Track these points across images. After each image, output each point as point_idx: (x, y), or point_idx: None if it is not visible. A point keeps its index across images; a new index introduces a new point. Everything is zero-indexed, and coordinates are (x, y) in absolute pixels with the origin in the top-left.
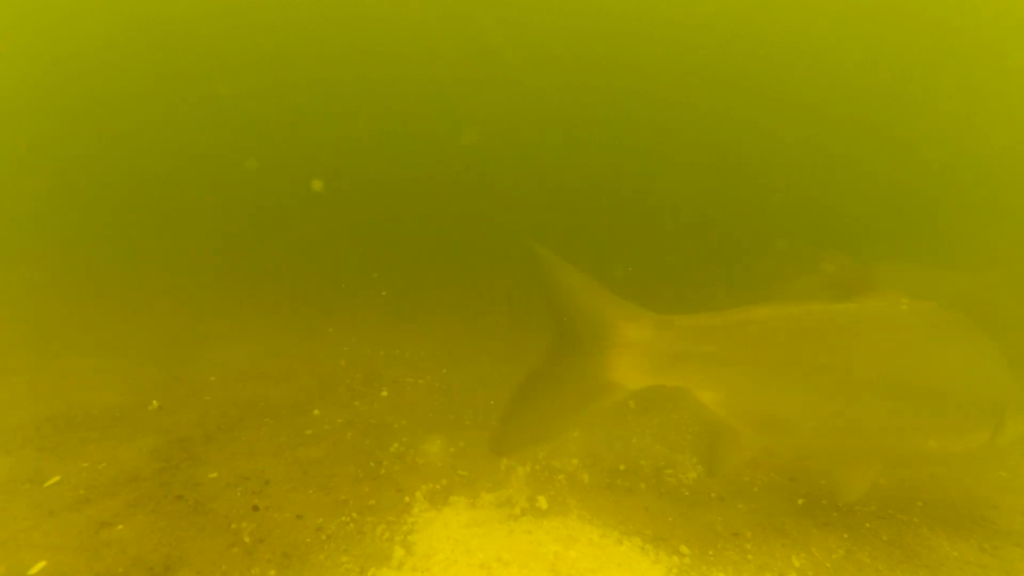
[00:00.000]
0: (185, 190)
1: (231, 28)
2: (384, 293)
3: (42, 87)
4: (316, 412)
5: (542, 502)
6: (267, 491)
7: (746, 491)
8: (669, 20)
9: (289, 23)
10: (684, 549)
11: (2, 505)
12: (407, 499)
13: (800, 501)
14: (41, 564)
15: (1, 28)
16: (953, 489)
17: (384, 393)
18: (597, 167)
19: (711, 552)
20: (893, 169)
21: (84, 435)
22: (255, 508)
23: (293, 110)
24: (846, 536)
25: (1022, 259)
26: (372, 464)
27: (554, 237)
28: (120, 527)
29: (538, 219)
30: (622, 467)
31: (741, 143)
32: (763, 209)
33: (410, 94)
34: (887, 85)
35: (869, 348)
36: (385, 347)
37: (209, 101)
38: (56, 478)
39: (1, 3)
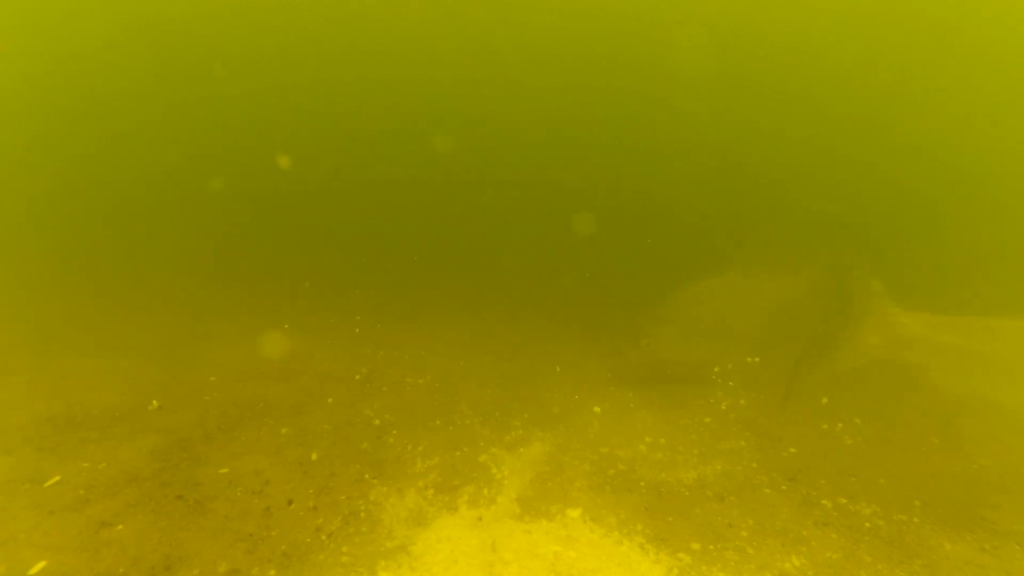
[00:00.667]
0: (185, 190)
1: (231, 28)
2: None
3: (42, 87)
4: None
5: (543, 502)
6: (267, 491)
7: (746, 491)
8: (670, 20)
9: (289, 23)
10: (688, 547)
11: (2, 505)
12: (407, 499)
13: (800, 500)
14: (41, 564)
15: (1, 28)
16: (953, 489)
17: (384, 392)
18: (596, 167)
19: (711, 551)
20: (892, 169)
21: (84, 435)
22: (260, 506)
23: (293, 111)
24: (846, 535)
25: (1021, 258)
26: (371, 464)
27: (554, 236)
28: (120, 527)
29: (537, 218)
30: (623, 467)
31: (740, 143)
32: (759, 207)
33: (408, 94)
34: (887, 85)
35: None
36: (385, 347)
37: (208, 101)
38: (56, 478)
39: (1, 3)
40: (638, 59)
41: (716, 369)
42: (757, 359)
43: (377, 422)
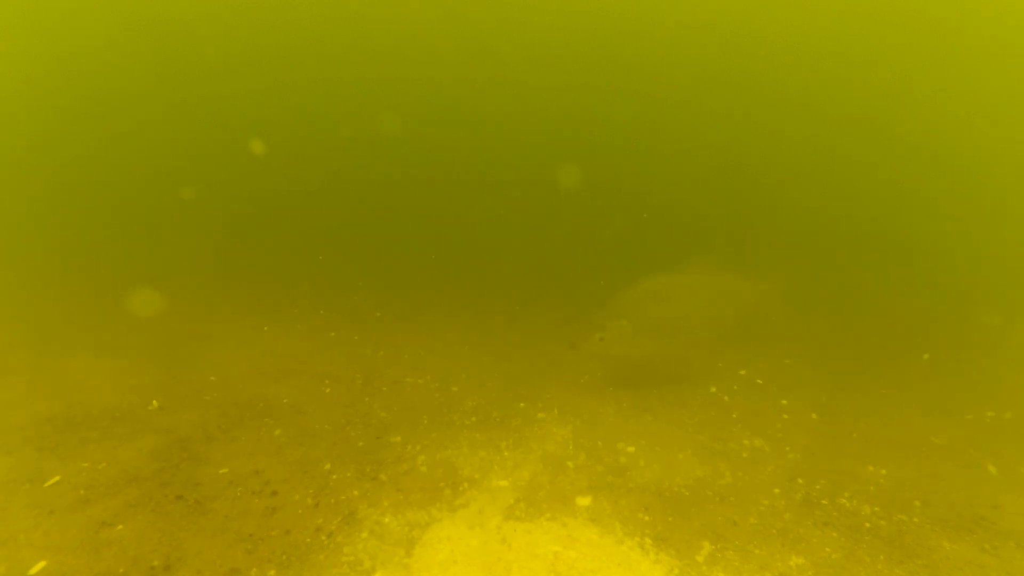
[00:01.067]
0: (184, 190)
1: (231, 28)
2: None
3: (42, 87)
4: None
5: (543, 502)
6: (267, 491)
7: (746, 491)
8: (672, 21)
9: (290, 23)
10: (689, 547)
11: (2, 505)
12: (407, 499)
13: (800, 500)
14: (41, 564)
15: (1, 28)
16: (953, 489)
17: (384, 392)
18: (596, 167)
19: (712, 550)
20: (892, 169)
21: (84, 435)
22: (260, 506)
23: (293, 111)
24: (846, 535)
25: (1020, 259)
26: (371, 464)
27: (554, 236)
28: (120, 527)
29: (537, 219)
30: (623, 466)
31: (739, 143)
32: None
33: (407, 95)
34: (887, 85)
35: None
36: (385, 347)
37: (208, 102)
38: (56, 478)
39: (1, 3)
40: (638, 59)
41: (713, 387)
42: (747, 369)
43: (377, 422)
